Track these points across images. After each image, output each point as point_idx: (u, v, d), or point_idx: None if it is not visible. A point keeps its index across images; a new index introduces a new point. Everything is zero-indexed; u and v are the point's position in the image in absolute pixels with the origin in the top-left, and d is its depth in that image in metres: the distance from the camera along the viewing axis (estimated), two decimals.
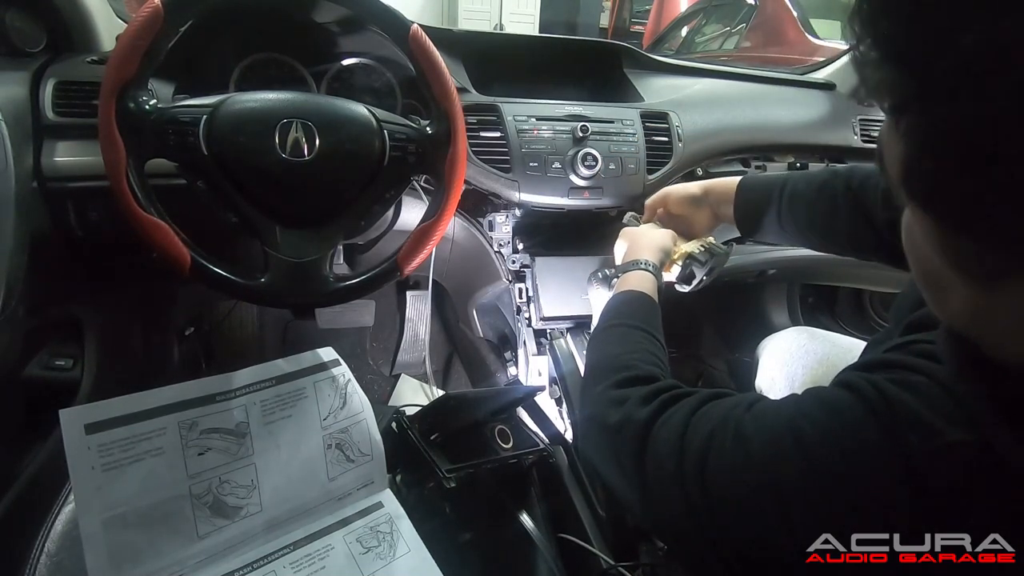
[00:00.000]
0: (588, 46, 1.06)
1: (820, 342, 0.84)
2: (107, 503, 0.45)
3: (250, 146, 0.59)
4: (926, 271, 0.30)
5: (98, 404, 0.47)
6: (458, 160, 0.67)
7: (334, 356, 0.61)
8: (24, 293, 0.61)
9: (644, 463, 0.40)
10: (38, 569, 0.48)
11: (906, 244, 0.31)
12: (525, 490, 0.68)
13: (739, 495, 0.34)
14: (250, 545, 0.51)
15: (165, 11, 0.56)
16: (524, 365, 0.89)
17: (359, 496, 0.58)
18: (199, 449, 0.50)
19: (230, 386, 0.53)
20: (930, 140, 0.24)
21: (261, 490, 0.52)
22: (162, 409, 0.49)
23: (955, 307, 0.29)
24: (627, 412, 0.44)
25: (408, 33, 0.64)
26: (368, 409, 0.60)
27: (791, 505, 0.31)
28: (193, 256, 0.60)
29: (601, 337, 0.57)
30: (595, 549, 0.60)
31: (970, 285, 0.27)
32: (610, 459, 0.45)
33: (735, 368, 1.46)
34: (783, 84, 1.14)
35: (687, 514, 0.36)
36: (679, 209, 0.73)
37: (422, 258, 0.69)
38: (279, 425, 0.55)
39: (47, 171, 0.67)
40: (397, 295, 1.44)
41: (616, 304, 0.61)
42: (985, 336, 0.28)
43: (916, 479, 0.28)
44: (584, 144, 0.85)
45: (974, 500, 0.27)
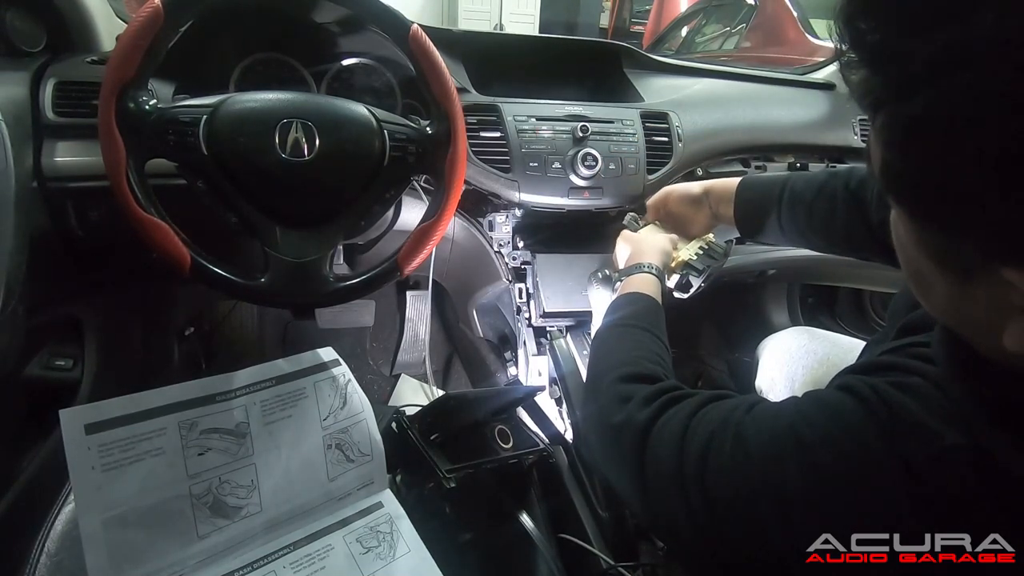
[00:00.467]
0: (588, 46, 1.06)
1: (820, 342, 0.84)
2: (107, 503, 0.45)
3: (250, 146, 0.59)
4: (911, 267, 0.31)
5: (98, 404, 0.47)
6: (458, 160, 0.67)
7: (334, 356, 0.61)
8: (24, 293, 0.61)
9: (644, 463, 0.41)
10: (38, 569, 0.48)
11: (894, 241, 0.32)
12: (525, 490, 0.68)
13: (738, 496, 0.34)
14: (250, 545, 0.51)
15: (165, 11, 0.56)
16: (524, 365, 0.89)
17: (359, 496, 0.58)
18: (199, 449, 0.50)
19: (230, 386, 0.53)
20: (896, 138, 0.25)
21: (261, 490, 0.52)
22: (162, 409, 0.49)
23: (939, 302, 0.30)
24: (629, 412, 0.44)
25: (408, 33, 0.64)
26: (368, 409, 0.60)
27: (790, 507, 0.31)
28: (193, 256, 0.60)
29: (605, 336, 0.58)
30: (595, 549, 0.60)
31: (948, 279, 0.28)
32: (611, 458, 0.45)
33: (735, 368, 1.46)
34: (783, 84, 1.14)
35: (687, 515, 0.36)
36: (679, 208, 0.73)
37: (422, 258, 0.69)
38: (279, 425, 0.55)
39: (47, 171, 0.67)
40: (397, 295, 1.44)
41: (620, 305, 0.61)
42: (966, 331, 0.29)
43: (915, 482, 0.28)
44: (584, 144, 0.85)
45: (973, 502, 0.27)
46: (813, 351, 0.82)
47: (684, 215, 0.73)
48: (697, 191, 0.72)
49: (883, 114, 0.26)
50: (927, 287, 0.30)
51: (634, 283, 0.63)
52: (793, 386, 0.81)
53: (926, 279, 0.29)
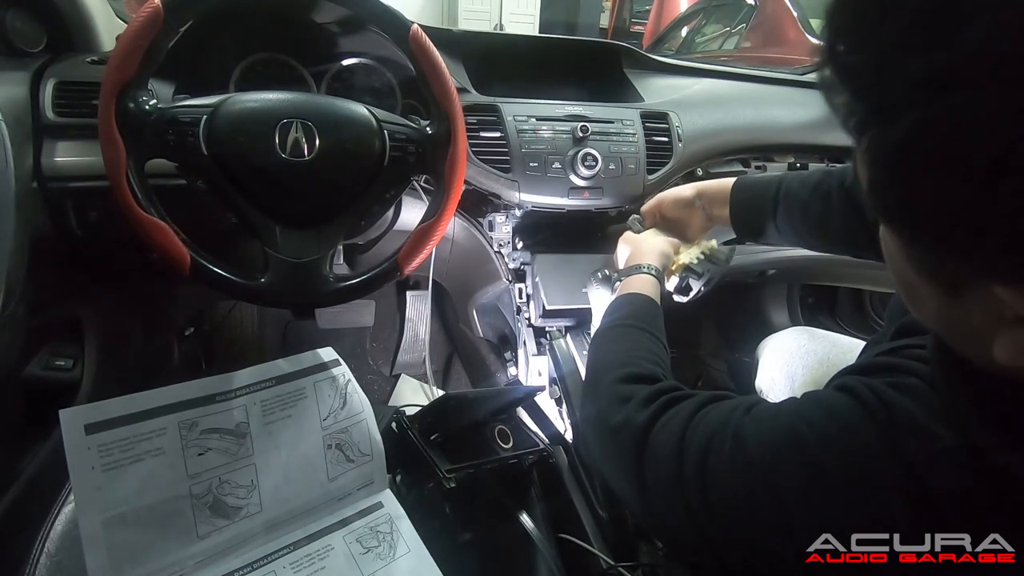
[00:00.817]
0: (588, 46, 1.06)
1: (820, 342, 0.84)
2: (107, 503, 0.45)
3: (250, 146, 0.59)
4: (901, 279, 0.31)
5: (98, 404, 0.47)
6: (458, 160, 0.67)
7: (334, 356, 0.61)
8: (24, 293, 0.61)
9: (643, 464, 0.41)
10: (38, 569, 0.48)
11: (884, 254, 0.32)
12: (525, 490, 0.68)
13: (738, 497, 0.34)
14: (250, 545, 0.51)
15: (165, 11, 0.56)
16: (524, 365, 0.90)
17: (359, 496, 0.58)
18: (199, 449, 0.50)
19: (230, 386, 0.53)
20: (882, 160, 0.25)
21: (261, 490, 0.52)
22: (162, 409, 0.49)
23: (929, 313, 0.30)
24: (628, 413, 0.44)
25: (408, 33, 0.64)
26: (368, 409, 0.60)
27: (790, 508, 0.32)
28: (193, 256, 0.60)
29: (604, 336, 0.58)
30: (595, 549, 0.60)
31: (938, 292, 0.28)
32: (610, 458, 0.45)
33: (735, 368, 1.46)
34: (783, 84, 1.14)
35: (686, 515, 0.36)
36: (673, 213, 0.73)
37: (422, 258, 0.69)
38: (279, 425, 0.55)
39: (47, 171, 0.67)
40: (397, 295, 1.44)
41: (619, 305, 0.61)
42: (956, 341, 0.29)
43: (915, 482, 0.28)
44: (584, 144, 0.85)
45: (973, 503, 0.28)
46: (813, 351, 0.82)
47: (679, 219, 0.73)
48: (689, 194, 0.71)
49: (868, 137, 0.25)
50: (918, 299, 0.30)
51: (633, 284, 0.63)
52: (793, 386, 0.81)
53: (916, 292, 0.30)
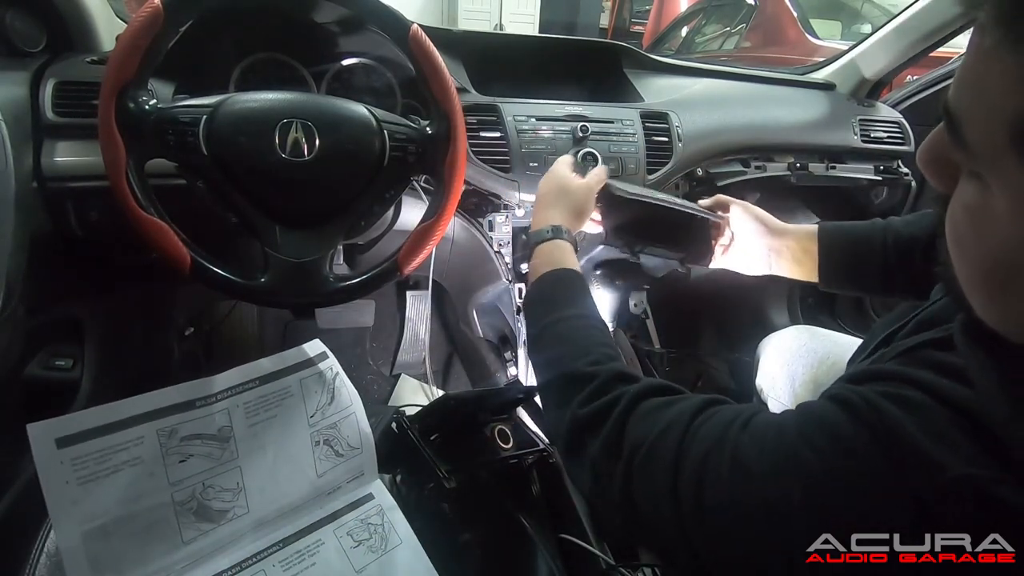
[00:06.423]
0: (588, 46, 1.06)
1: (821, 341, 0.83)
2: (85, 516, 0.44)
3: (250, 146, 0.59)
4: (999, 259, 0.26)
5: (70, 416, 0.45)
6: (458, 160, 0.67)
7: (321, 349, 0.59)
8: (24, 293, 0.61)
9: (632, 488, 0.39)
10: (38, 569, 0.47)
11: (970, 230, 0.27)
12: (525, 490, 0.68)
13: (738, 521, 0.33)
14: (238, 545, 0.50)
15: (165, 11, 0.56)
16: (524, 365, 0.90)
17: (348, 489, 0.57)
18: (180, 456, 0.49)
19: (211, 390, 0.52)
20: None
21: (248, 492, 0.51)
22: (138, 418, 0.48)
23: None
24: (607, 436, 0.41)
25: (408, 33, 0.64)
26: (357, 402, 0.59)
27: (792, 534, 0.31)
28: (193, 256, 0.60)
29: (542, 343, 0.51)
30: (595, 549, 0.60)
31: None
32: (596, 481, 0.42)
33: (735, 368, 1.46)
34: (783, 84, 1.14)
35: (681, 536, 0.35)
36: (746, 228, 0.70)
37: (422, 258, 0.69)
38: (264, 426, 0.53)
39: (47, 171, 0.67)
40: (397, 295, 1.44)
41: (541, 292, 0.55)
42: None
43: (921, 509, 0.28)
44: (584, 144, 0.85)
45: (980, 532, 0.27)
46: (814, 350, 0.82)
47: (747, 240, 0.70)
48: (777, 225, 0.69)
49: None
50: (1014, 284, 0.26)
51: (542, 258, 0.58)
52: (794, 385, 0.81)
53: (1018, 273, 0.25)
